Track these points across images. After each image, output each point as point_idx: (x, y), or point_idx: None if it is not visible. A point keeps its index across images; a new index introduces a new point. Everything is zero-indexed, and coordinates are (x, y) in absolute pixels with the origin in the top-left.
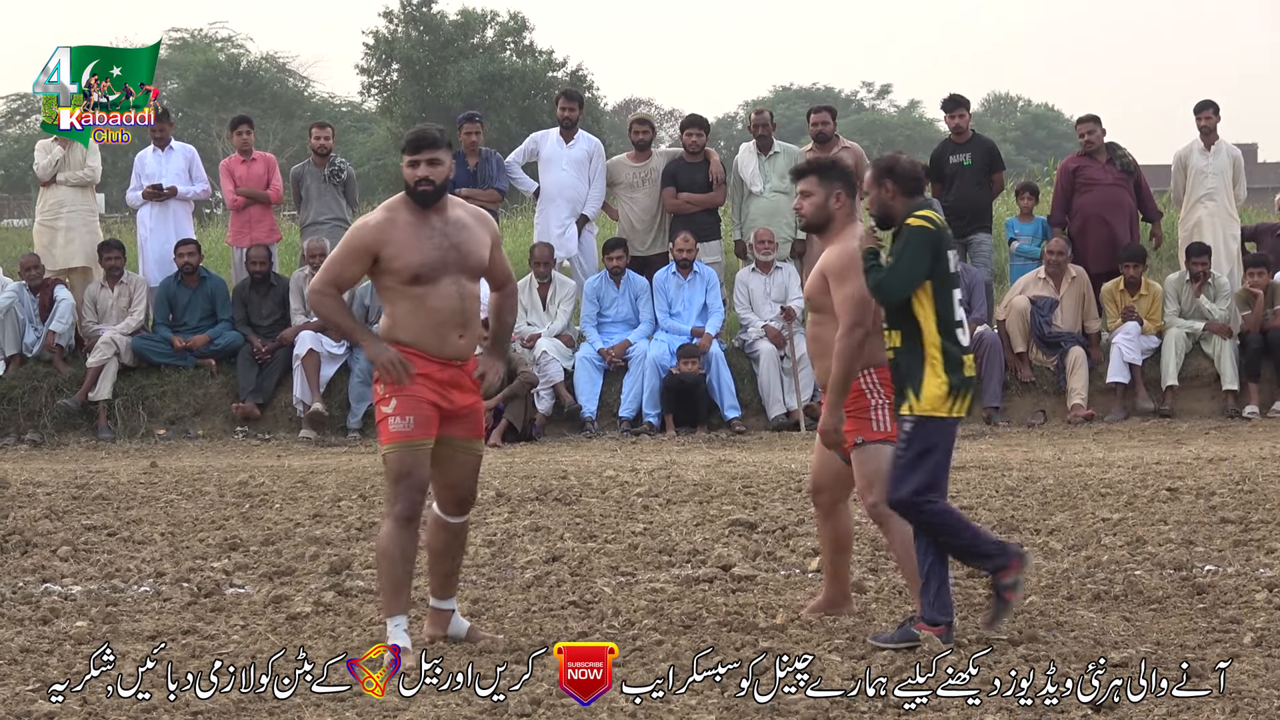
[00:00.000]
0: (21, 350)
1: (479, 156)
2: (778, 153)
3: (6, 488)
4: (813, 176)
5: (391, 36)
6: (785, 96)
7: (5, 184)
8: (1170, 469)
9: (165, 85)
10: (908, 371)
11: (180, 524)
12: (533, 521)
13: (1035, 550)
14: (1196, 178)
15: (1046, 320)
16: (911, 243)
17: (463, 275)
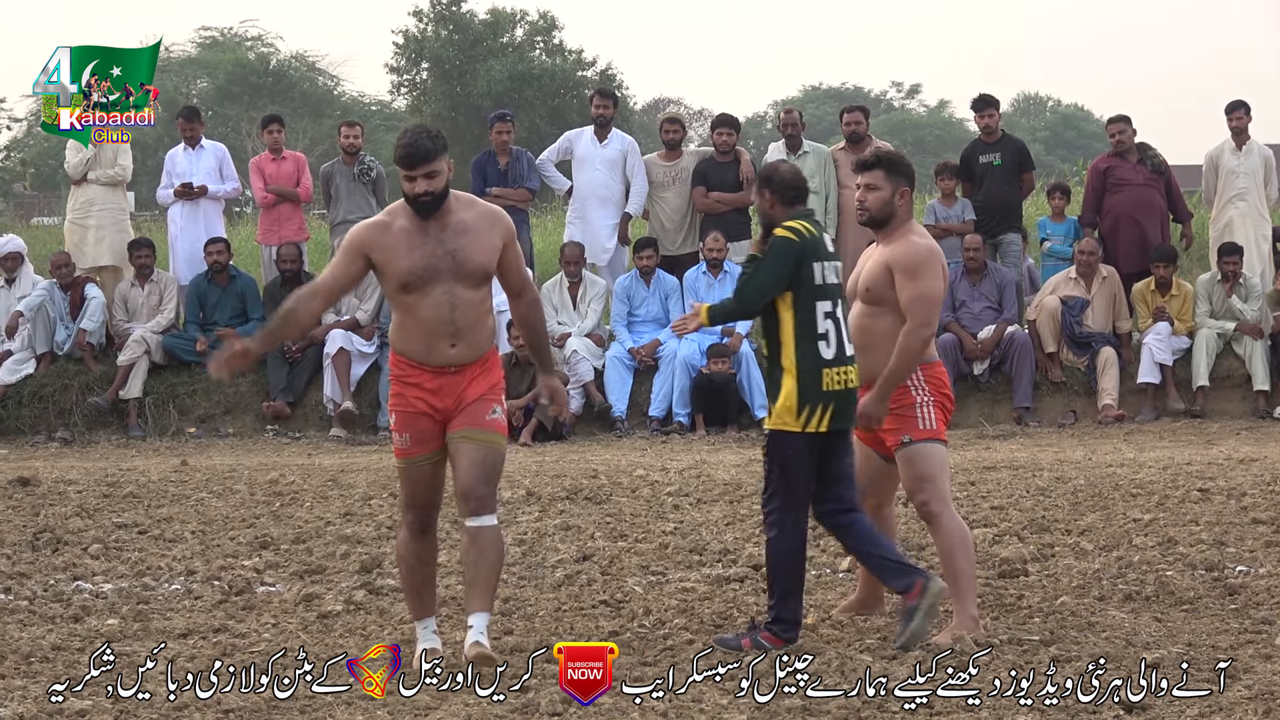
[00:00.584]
0: (52, 348)
1: (510, 155)
2: (807, 152)
3: (38, 486)
4: (879, 170)
5: (421, 35)
6: (814, 96)
7: (36, 182)
8: (1201, 469)
9: (195, 84)
10: (769, 382)
11: (211, 522)
12: (563, 521)
13: (1067, 551)
14: (1228, 178)
15: (1077, 320)
16: (773, 253)
17: (458, 283)
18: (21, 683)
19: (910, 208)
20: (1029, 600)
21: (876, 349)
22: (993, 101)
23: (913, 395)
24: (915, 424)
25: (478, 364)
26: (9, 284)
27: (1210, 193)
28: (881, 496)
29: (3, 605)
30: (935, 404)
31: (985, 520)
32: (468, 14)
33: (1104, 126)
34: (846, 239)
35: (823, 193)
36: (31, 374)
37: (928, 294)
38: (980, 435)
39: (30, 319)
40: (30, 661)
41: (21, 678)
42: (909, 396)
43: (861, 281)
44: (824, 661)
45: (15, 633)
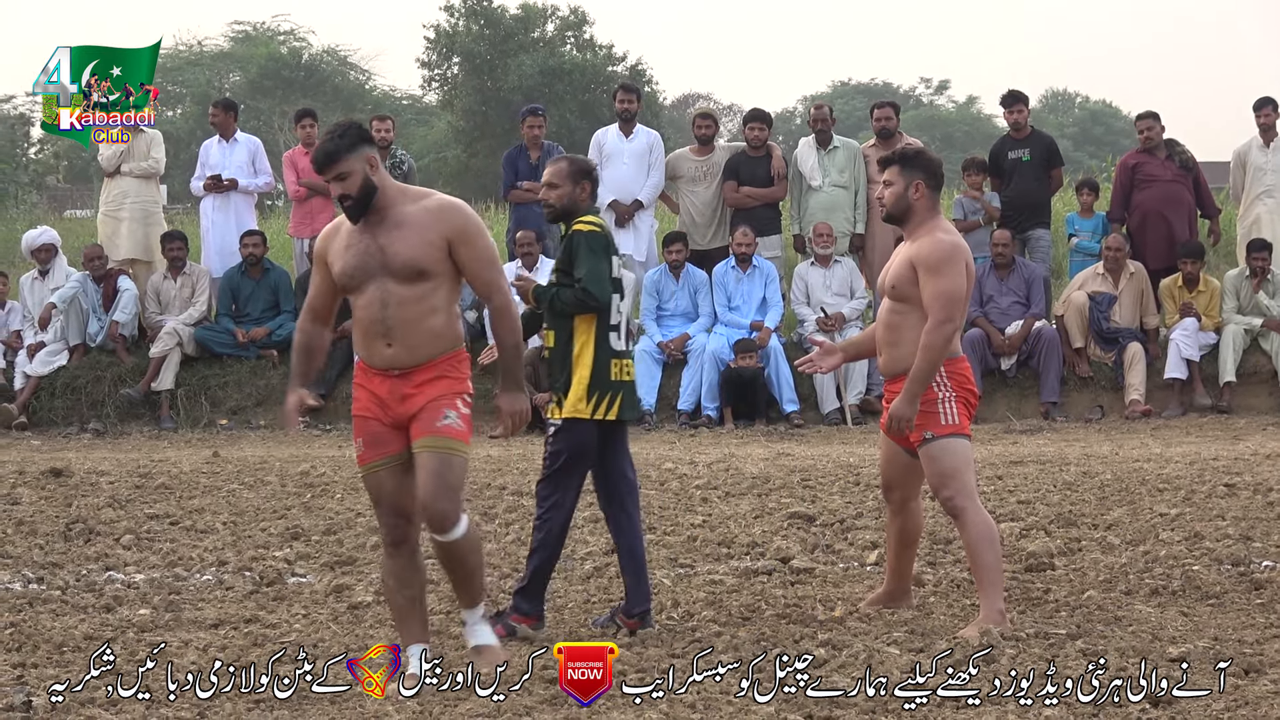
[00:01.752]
0: (85, 340)
1: (541, 150)
2: (837, 147)
3: (70, 476)
4: (895, 166)
5: (452, 30)
6: (844, 92)
7: (69, 175)
8: (1228, 465)
9: (228, 77)
10: (560, 371)
11: (242, 513)
12: (592, 514)
13: (1093, 545)
14: (1255, 174)
15: (1105, 316)
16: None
17: (389, 279)
18: (54, 671)
19: (931, 203)
20: (1056, 594)
21: (903, 344)
22: (1022, 97)
23: (935, 391)
24: (938, 420)
25: (427, 367)
26: (43, 276)
27: (1238, 189)
28: (907, 491)
29: (36, 595)
30: (958, 399)
31: (1012, 514)
32: (499, 9)
33: (1132, 123)
34: (876, 235)
35: (852, 188)
36: (64, 365)
37: (949, 290)
38: (1007, 430)
39: (63, 311)
40: (62, 651)
41: (54, 666)
42: (931, 392)
43: (888, 279)
44: (851, 654)
45: (48, 622)
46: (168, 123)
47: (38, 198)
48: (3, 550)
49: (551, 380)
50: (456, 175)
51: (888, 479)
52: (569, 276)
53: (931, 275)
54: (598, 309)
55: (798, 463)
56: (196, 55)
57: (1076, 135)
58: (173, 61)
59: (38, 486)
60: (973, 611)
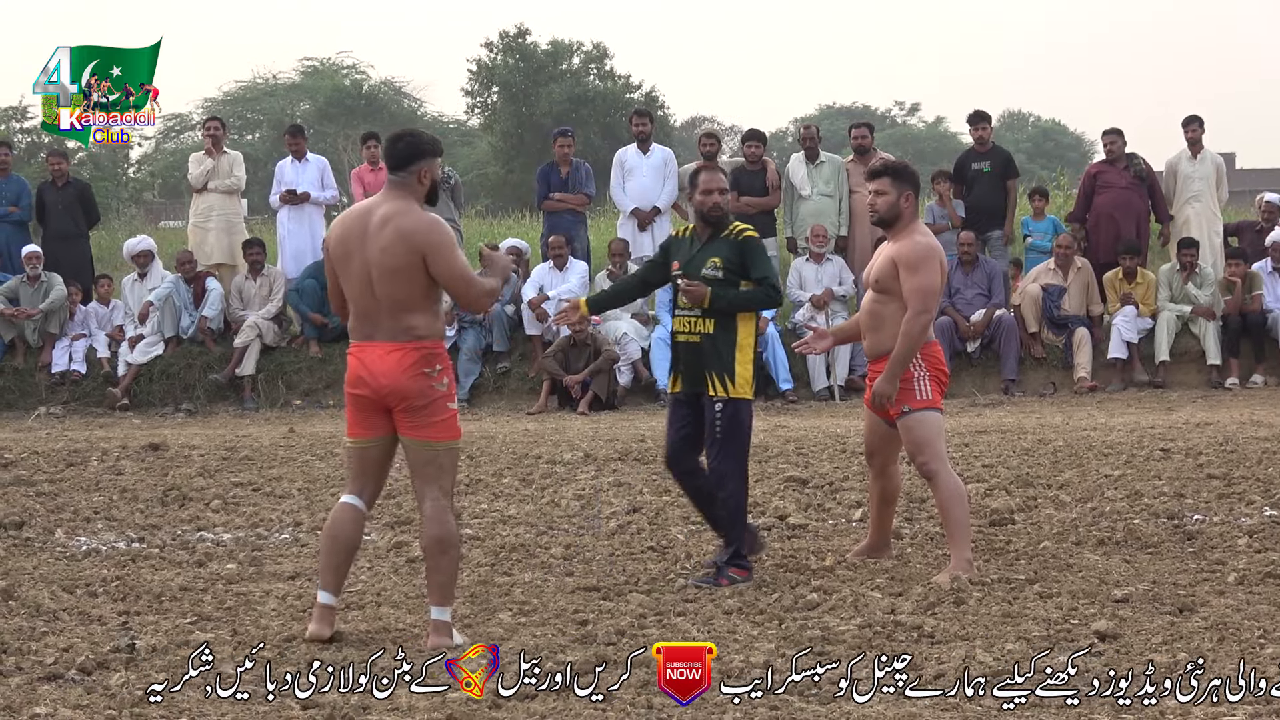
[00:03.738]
0: (178, 333)
1: (570, 165)
2: (823, 161)
3: (166, 450)
4: (887, 177)
5: (492, 64)
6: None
7: (163, 191)
8: (1163, 432)
9: (299, 106)
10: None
11: (315, 481)
12: (616, 478)
13: (1048, 502)
14: (1184, 182)
15: (1055, 305)
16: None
17: None
18: (154, 618)
19: (914, 210)
20: (1016, 545)
21: (884, 330)
22: (985, 116)
23: (911, 370)
24: (914, 395)
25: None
26: (141, 278)
27: (1170, 195)
28: (886, 457)
29: (137, 553)
30: (931, 378)
31: (978, 477)
32: (532, 44)
33: (1080, 138)
34: (856, 237)
35: (836, 196)
36: (160, 355)
37: (926, 286)
38: (973, 404)
39: (159, 308)
40: (161, 600)
41: (154, 614)
42: (908, 372)
43: (872, 274)
44: (840, 598)
45: (148, 576)
46: (247, 145)
47: (136, 211)
48: (109, 514)
49: (710, 364)
50: (496, 188)
51: (870, 447)
52: (736, 275)
53: (911, 272)
54: (780, 303)
55: (792, 433)
56: (271, 87)
57: (1030, 149)
58: (251, 92)
59: (138, 459)
60: (944, 560)
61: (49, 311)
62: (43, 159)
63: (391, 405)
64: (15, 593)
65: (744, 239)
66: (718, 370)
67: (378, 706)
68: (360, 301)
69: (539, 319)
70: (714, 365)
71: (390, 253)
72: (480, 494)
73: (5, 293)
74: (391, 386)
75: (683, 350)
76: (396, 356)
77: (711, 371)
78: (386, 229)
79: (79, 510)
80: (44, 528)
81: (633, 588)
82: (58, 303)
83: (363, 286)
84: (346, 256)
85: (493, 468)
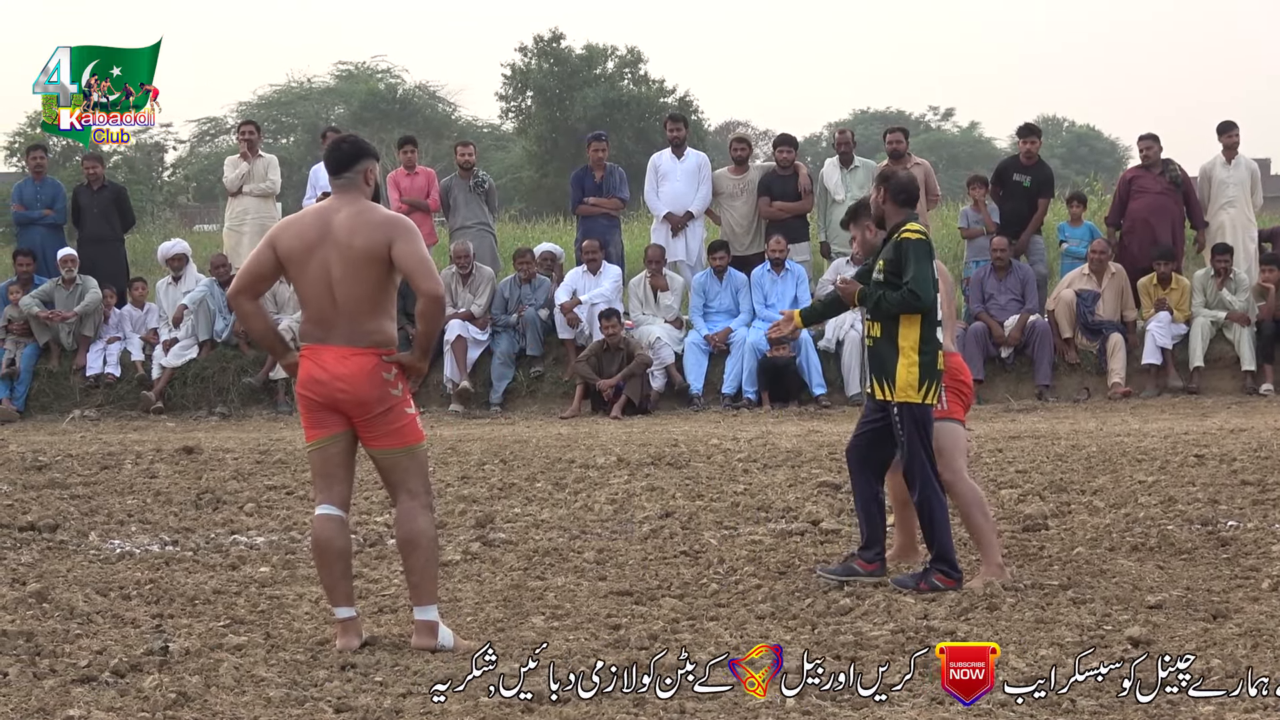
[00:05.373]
0: (212, 336)
1: (604, 170)
2: (857, 166)
3: (200, 454)
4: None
5: (526, 68)
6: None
7: (197, 194)
8: (1197, 438)
9: (333, 110)
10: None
11: None
12: (649, 483)
13: (1081, 508)
14: (1219, 188)
15: (1090, 310)
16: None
17: None
18: (187, 621)
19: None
20: (1049, 550)
21: None
22: (1035, 131)
23: None
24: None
25: None
26: (176, 281)
27: (1204, 200)
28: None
29: (171, 555)
30: (950, 389)
31: (1011, 482)
32: (566, 49)
33: (1115, 143)
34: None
35: None
36: (194, 358)
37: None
38: (1006, 409)
39: (193, 311)
40: (194, 603)
41: (187, 617)
42: None
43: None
44: (873, 603)
45: (182, 579)
46: (282, 149)
47: (170, 214)
48: (142, 517)
49: (875, 368)
50: (530, 193)
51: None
52: (896, 276)
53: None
54: (922, 309)
55: (825, 438)
56: (306, 91)
57: (1065, 155)
58: (285, 96)
59: (172, 462)
60: (977, 565)
61: (84, 314)
62: (78, 162)
63: (351, 415)
64: (49, 595)
65: (901, 239)
66: (879, 374)
67: (410, 710)
68: (317, 304)
69: (571, 323)
70: (878, 369)
71: (360, 239)
72: (513, 498)
73: (40, 296)
74: (351, 393)
75: (866, 354)
76: (356, 361)
77: (876, 375)
78: (356, 220)
79: (113, 513)
80: (78, 530)
81: (665, 592)
82: (92, 306)
83: (321, 288)
84: (305, 257)
85: (526, 472)
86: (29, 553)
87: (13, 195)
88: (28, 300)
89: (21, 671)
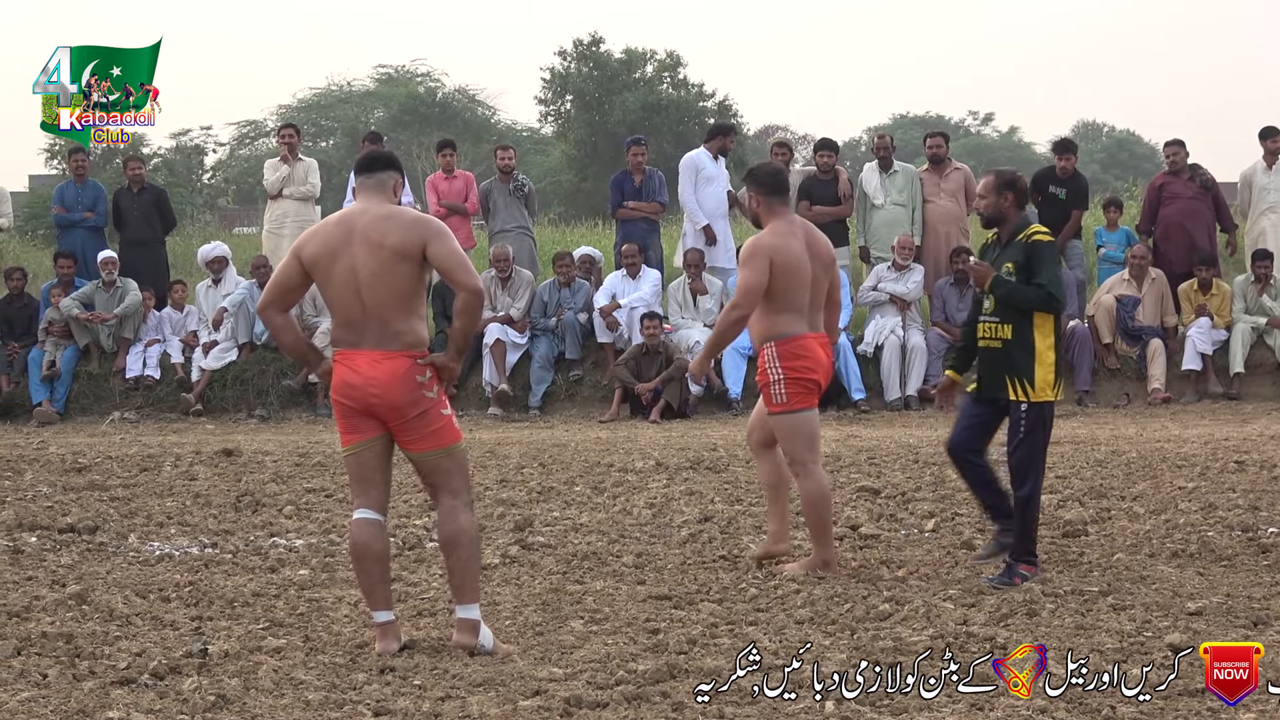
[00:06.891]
0: (252, 339)
1: (644, 174)
2: (896, 171)
3: (240, 456)
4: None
5: (565, 72)
6: (903, 123)
7: (237, 197)
8: (1238, 444)
9: (373, 113)
10: (1020, 361)
11: None
12: (688, 487)
13: (1121, 514)
14: (1260, 193)
15: (1130, 316)
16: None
17: None
18: (226, 624)
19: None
20: (1089, 557)
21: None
22: (1072, 147)
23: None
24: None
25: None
26: (215, 284)
27: (1245, 206)
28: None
29: (210, 558)
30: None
31: (1050, 488)
32: (605, 53)
33: (1153, 149)
34: (929, 246)
35: (909, 206)
36: (234, 361)
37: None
38: None
39: (233, 314)
40: (234, 606)
41: (226, 619)
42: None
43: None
44: (913, 609)
45: (221, 581)
46: (321, 152)
47: (210, 217)
48: (182, 519)
49: (1010, 369)
50: (570, 197)
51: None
52: (1025, 279)
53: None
54: (1055, 310)
55: (864, 443)
56: (346, 94)
57: (1104, 160)
58: (325, 99)
59: (212, 465)
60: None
61: (124, 317)
62: (119, 165)
63: (386, 420)
64: (89, 597)
65: (1031, 242)
66: (1017, 375)
67: (448, 713)
68: (345, 308)
69: (610, 327)
70: (1013, 370)
71: (393, 239)
72: (552, 502)
73: (81, 298)
74: (384, 397)
75: (982, 355)
76: (389, 365)
77: (1011, 376)
78: (386, 223)
79: (152, 515)
80: (117, 532)
81: (704, 596)
82: (132, 308)
83: (349, 292)
84: (330, 262)
85: (564, 475)
86: (69, 554)
87: (54, 198)
88: (68, 302)
89: (61, 673)
